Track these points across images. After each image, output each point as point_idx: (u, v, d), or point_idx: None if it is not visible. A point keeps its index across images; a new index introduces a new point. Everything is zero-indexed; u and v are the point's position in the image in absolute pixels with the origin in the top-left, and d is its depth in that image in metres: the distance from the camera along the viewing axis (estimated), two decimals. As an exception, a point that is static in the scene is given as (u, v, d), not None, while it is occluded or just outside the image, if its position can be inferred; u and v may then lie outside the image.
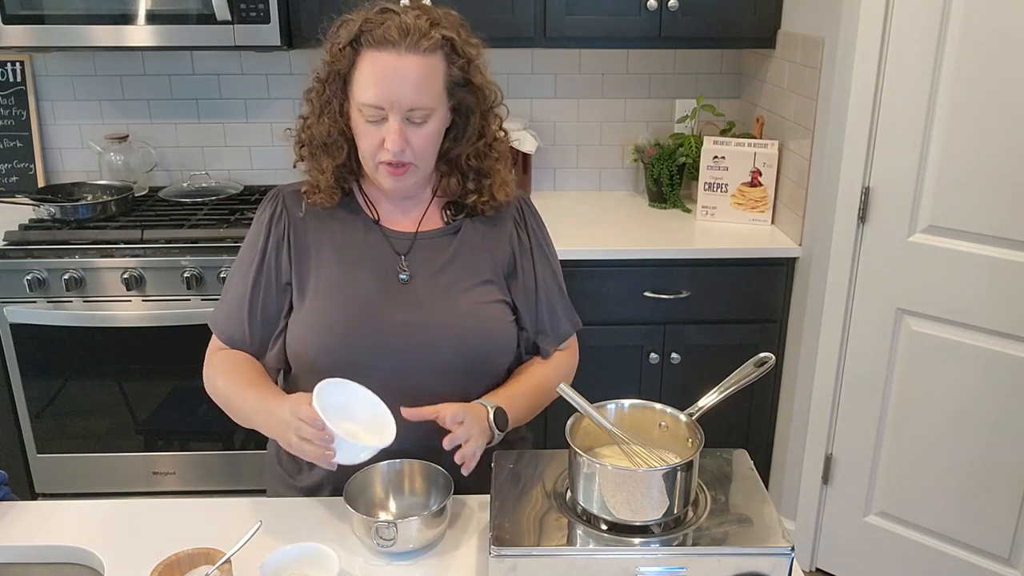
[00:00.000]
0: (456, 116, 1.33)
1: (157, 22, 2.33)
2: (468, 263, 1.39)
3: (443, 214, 1.42)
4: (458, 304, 1.36)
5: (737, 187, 2.55)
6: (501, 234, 1.43)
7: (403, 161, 1.28)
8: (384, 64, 1.24)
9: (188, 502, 1.32)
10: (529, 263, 1.43)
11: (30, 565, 1.22)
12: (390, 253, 1.38)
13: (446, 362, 1.34)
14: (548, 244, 1.49)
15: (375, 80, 1.24)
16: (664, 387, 2.52)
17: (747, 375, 1.17)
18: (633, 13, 2.46)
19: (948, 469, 2.18)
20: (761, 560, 1.02)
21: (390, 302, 1.34)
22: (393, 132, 1.25)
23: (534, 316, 1.43)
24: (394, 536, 1.14)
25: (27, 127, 2.79)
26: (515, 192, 1.46)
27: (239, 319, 1.37)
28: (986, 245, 2.00)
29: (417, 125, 1.27)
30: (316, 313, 1.34)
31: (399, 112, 1.25)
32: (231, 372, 1.35)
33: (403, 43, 1.23)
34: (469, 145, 1.36)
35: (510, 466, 1.19)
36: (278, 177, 2.90)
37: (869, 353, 2.25)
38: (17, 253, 2.31)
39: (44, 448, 2.49)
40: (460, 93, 1.31)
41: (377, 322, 1.33)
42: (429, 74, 1.25)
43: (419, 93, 1.24)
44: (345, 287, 1.35)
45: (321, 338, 1.32)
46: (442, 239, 1.40)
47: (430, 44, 1.24)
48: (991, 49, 1.89)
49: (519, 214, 1.46)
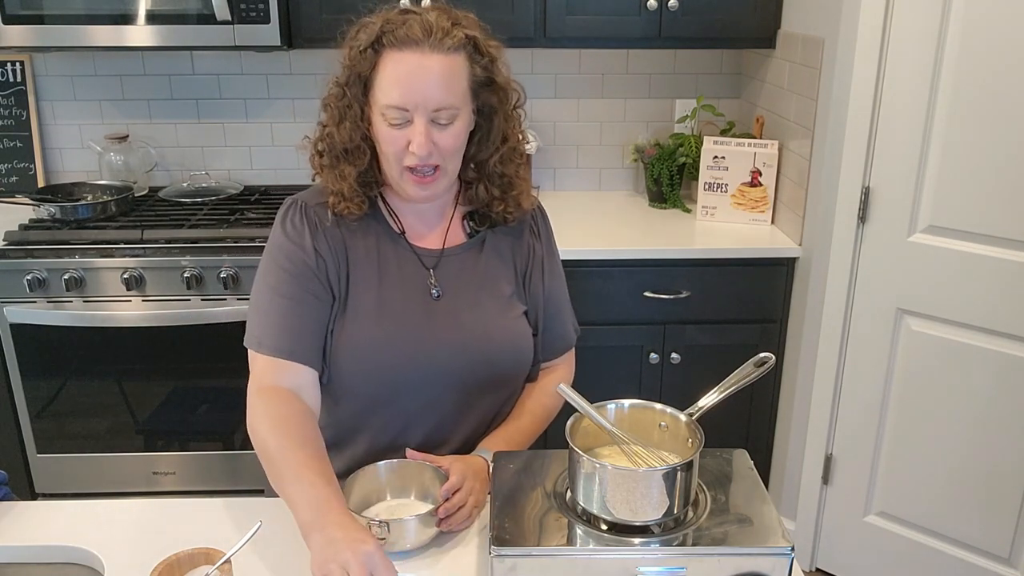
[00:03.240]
0: (479, 118, 1.29)
1: (157, 22, 2.33)
2: (494, 278, 1.37)
3: (464, 224, 1.39)
4: (490, 321, 1.35)
5: (737, 187, 2.55)
6: (520, 246, 1.41)
7: (430, 165, 1.24)
8: (408, 64, 1.20)
9: (188, 502, 1.31)
10: (539, 274, 1.42)
11: (30, 565, 1.22)
12: (420, 268, 1.35)
13: (479, 379, 1.33)
14: (556, 254, 1.47)
15: (399, 80, 1.20)
16: (664, 387, 2.52)
17: (747, 375, 1.17)
18: (633, 13, 2.46)
19: (948, 469, 2.18)
20: (761, 560, 1.02)
21: (426, 321, 1.32)
22: (419, 134, 1.21)
23: (540, 328, 1.42)
24: (387, 535, 1.14)
25: (27, 127, 2.79)
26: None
27: (289, 332, 1.26)
28: (986, 245, 2.00)
29: (443, 126, 1.23)
30: (356, 339, 1.30)
31: (425, 113, 1.21)
32: (280, 423, 1.18)
33: (427, 42, 1.19)
34: (494, 150, 1.32)
35: (510, 466, 1.19)
36: (278, 177, 2.90)
37: (869, 353, 2.25)
38: (17, 253, 2.31)
39: (44, 448, 2.49)
40: (484, 94, 1.27)
41: (414, 344, 1.31)
42: (454, 73, 1.22)
43: (445, 92, 1.21)
44: (382, 309, 1.31)
45: (360, 365, 1.30)
46: (467, 254, 1.38)
47: (454, 42, 1.21)
48: (991, 49, 1.89)
49: (534, 223, 1.44)
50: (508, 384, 1.39)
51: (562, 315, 1.46)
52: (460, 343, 1.32)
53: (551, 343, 1.45)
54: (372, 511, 1.24)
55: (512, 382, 1.40)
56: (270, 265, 1.31)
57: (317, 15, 2.42)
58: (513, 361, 1.37)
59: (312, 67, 2.79)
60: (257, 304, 1.30)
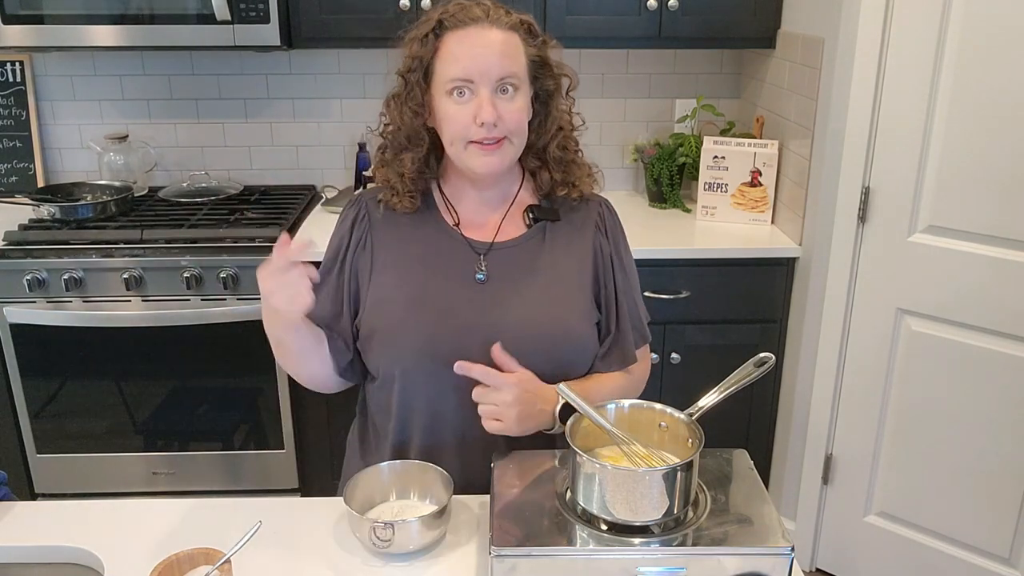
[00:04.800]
0: (537, 104, 1.34)
1: (157, 22, 2.33)
2: (550, 269, 1.37)
3: (525, 217, 1.40)
4: (538, 308, 1.34)
5: (737, 187, 2.55)
6: (584, 240, 1.40)
7: (495, 137, 1.27)
8: (471, 38, 1.25)
9: (188, 502, 1.31)
10: (609, 271, 1.40)
11: (30, 565, 1.22)
12: (470, 254, 1.36)
13: (525, 366, 1.30)
14: (627, 251, 1.46)
15: (463, 54, 1.25)
16: (664, 387, 2.51)
17: (747, 375, 1.17)
18: (633, 13, 2.46)
19: (948, 469, 2.18)
20: (761, 560, 1.02)
21: (466, 304, 1.33)
22: (485, 102, 1.24)
23: (614, 325, 1.40)
24: (391, 537, 1.14)
25: (27, 127, 2.79)
26: (597, 196, 1.44)
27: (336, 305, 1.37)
28: (986, 245, 2.01)
29: (508, 98, 1.27)
30: (389, 318, 1.33)
31: (489, 83, 1.25)
32: None
33: (487, 19, 1.26)
34: (553, 134, 1.36)
35: (510, 466, 1.19)
36: (277, 177, 2.90)
37: (869, 353, 2.25)
38: (17, 253, 2.31)
39: (44, 448, 2.49)
40: (541, 76, 1.32)
41: (451, 326, 1.31)
42: (515, 46, 1.28)
43: (508, 61, 1.26)
44: (423, 291, 1.34)
45: (392, 345, 1.33)
46: (525, 245, 1.38)
47: (511, 21, 1.28)
48: (991, 49, 1.89)
49: (600, 219, 1.43)
50: (561, 374, 1.34)
51: (634, 313, 1.43)
52: (497, 325, 1.31)
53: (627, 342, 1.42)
54: (375, 512, 1.24)
55: (561, 375, 1.34)
56: (325, 258, 1.41)
57: (317, 15, 2.42)
58: (555, 353, 1.34)
59: (312, 67, 2.79)
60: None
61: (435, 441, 1.35)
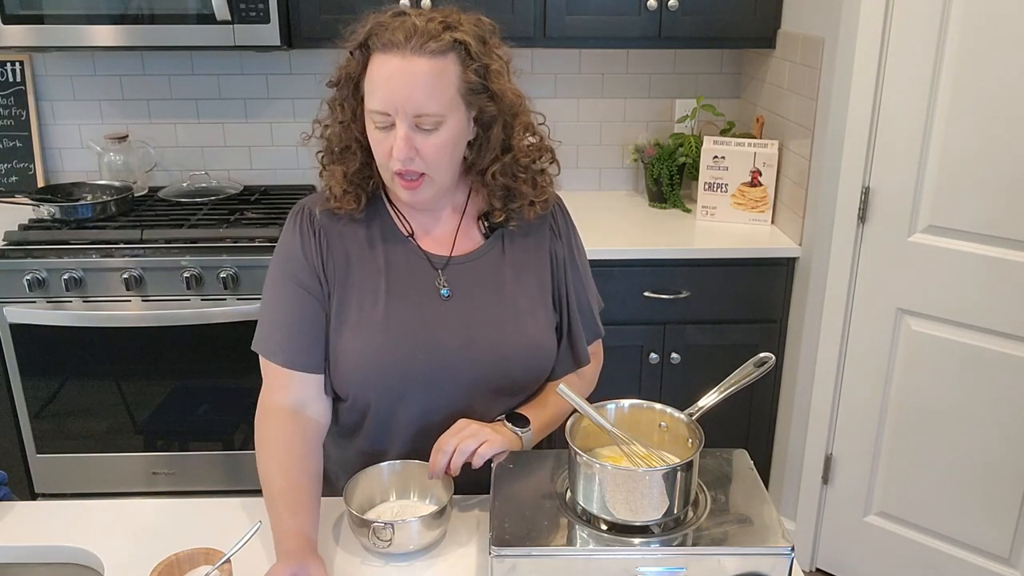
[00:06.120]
0: (478, 127, 1.26)
1: (157, 22, 2.33)
2: (513, 282, 1.34)
3: (479, 225, 1.36)
4: (502, 324, 1.32)
5: (737, 187, 2.55)
6: (540, 247, 1.37)
7: (414, 171, 1.22)
8: (390, 68, 1.17)
9: (188, 502, 1.32)
10: (564, 276, 1.39)
11: (30, 565, 1.22)
12: (429, 269, 1.32)
13: (488, 382, 1.31)
14: (579, 246, 1.44)
15: (381, 84, 1.18)
16: (664, 387, 2.52)
17: (747, 375, 1.17)
18: (633, 13, 2.46)
19: (948, 469, 2.18)
20: (761, 560, 1.02)
21: (435, 322, 1.29)
22: (399, 139, 1.18)
23: (567, 328, 1.40)
24: (390, 537, 1.14)
25: (27, 127, 2.79)
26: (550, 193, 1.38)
27: (299, 342, 1.29)
28: (985, 245, 2.00)
29: (426, 132, 1.20)
30: (359, 344, 1.28)
31: (405, 118, 1.18)
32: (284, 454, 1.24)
33: (408, 45, 1.16)
34: (492, 159, 1.29)
35: (510, 466, 1.19)
36: (277, 177, 2.90)
37: (869, 353, 2.25)
38: (17, 253, 2.31)
39: (44, 448, 2.49)
40: (479, 100, 1.23)
41: (423, 347, 1.29)
42: (438, 78, 1.17)
43: (426, 98, 1.17)
44: (389, 313, 1.28)
45: (364, 370, 1.29)
46: (484, 257, 1.34)
47: (439, 46, 1.17)
48: (991, 49, 1.89)
49: (553, 220, 1.40)
50: (522, 390, 1.36)
51: (585, 314, 1.42)
52: (468, 343, 1.30)
53: (578, 342, 1.41)
54: (375, 512, 1.24)
55: (526, 389, 1.36)
56: (276, 271, 1.32)
57: (317, 15, 2.43)
58: (525, 367, 1.34)
59: (312, 67, 2.79)
60: (266, 310, 1.32)
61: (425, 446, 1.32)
